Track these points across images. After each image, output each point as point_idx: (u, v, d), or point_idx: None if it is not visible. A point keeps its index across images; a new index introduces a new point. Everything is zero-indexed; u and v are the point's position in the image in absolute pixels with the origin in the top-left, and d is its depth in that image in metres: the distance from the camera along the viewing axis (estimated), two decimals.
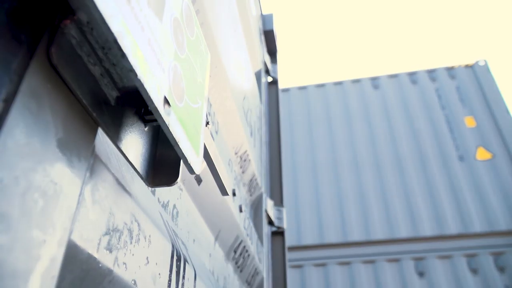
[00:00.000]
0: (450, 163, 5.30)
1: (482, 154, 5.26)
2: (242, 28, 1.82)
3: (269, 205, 2.27)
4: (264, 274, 1.94)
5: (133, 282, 0.57)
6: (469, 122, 5.50)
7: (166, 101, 0.49)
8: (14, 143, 0.34)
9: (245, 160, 1.70)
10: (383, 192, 5.23)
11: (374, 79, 6.24)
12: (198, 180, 1.01)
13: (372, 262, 4.91)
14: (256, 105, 2.22)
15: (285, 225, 2.46)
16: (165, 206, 0.90)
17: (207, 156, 0.73)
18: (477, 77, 5.85)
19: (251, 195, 1.94)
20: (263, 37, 2.70)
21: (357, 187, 5.38)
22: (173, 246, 0.77)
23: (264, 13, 2.81)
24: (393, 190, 5.19)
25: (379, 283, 4.73)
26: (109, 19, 0.38)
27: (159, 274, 0.67)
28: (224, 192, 0.83)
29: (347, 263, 4.97)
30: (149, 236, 0.66)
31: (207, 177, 1.06)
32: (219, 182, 0.81)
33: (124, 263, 0.55)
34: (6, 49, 0.35)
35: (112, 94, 0.51)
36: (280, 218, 2.43)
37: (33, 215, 0.36)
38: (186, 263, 0.82)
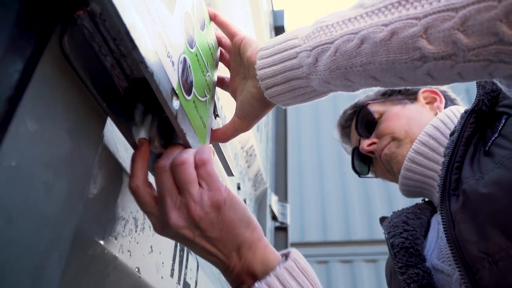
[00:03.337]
0: None
1: None
2: (253, 23, 1.82)
3: (273, 200, 2.28)
4: None
5: (136, 269, 0.58)
6: None
7: (175, 93, 0.50)
8: (25, 130, 0.35)
9: (251, 155, 1.70)
10: (387, 192, 5.22)
11: None
12: None
13: (374, 261, 4.91)
14: None
15: (288, 221, 2.47)
16: None
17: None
18: None
19: (255, 189, 1.96)
20: (273, 33, 2.70)
21: (362, 186, 5.37)
22: None
23: (275, 9, 2.81)
24: (397, 189, 5.17)
25: (380, 282, 4.73)
26: (121, 11, 0.39)
27: (163, 263, 0.68)
28: (229, 173, 0.84)
29: (350, 261, 4.97)
30: None
31: None
32: (225, 163, 0.81)
33: (129, 251, 0.56)
34: (20, 38, 0.36)
35: (122, 84, 0.52)
36: (284, 214, 2.44)
37: (42, 200, 0.37)
38: (189, 254, 0.84)
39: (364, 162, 1.19)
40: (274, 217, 2.34)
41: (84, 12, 0.42)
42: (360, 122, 1.12)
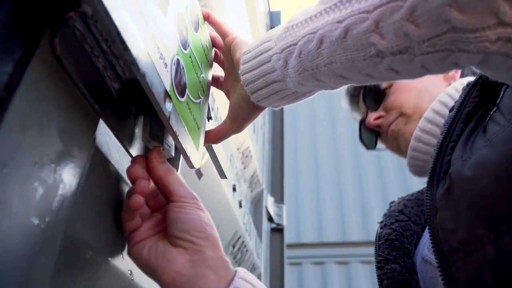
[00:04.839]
0: None
1: None
2: (249, 24, 1.82)
3: (269, 201, 2.28)
4: (262, 270, 1.95)
5: (129, 272, 0.58)
6: None
7: (167, 95, 0.50)
8: (15, 132, 0.35)
9: (247, 156, 1.70)
10: (383, 193, 5.22)
11: None
12: (199, 174, 1.02)
13: (370, 262, 4.91)
14: None
15: (284, 222, 2.46)
16: None
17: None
18: None
19: (251, 191, 1.95)
20: None
21: (358, 187, 5.37)
22: None
23: (272, 9, 2.80)
24: (394, 190, 5.18)
25: (376, 283, 4.73)
26: (112, 12, 0.38)
27: None
28: (222, 175, 0.84)
29: (345, 263, 4.97)
30: None
31: (208, 171, 1.06)
32: (218, 166, 0.81)
33: (121, 253, 0.56)
34: (11, 39, 0.36)
35: (114, 86, 0.52)
36: (280, 215, 2.43)
37: (32, 203, 0.37)
38: None
39: (371, 135, 1.13)
40: (270, 219, 2.34)
41: (76, 14, 0.42)
42: (367, 92, 1.06)
